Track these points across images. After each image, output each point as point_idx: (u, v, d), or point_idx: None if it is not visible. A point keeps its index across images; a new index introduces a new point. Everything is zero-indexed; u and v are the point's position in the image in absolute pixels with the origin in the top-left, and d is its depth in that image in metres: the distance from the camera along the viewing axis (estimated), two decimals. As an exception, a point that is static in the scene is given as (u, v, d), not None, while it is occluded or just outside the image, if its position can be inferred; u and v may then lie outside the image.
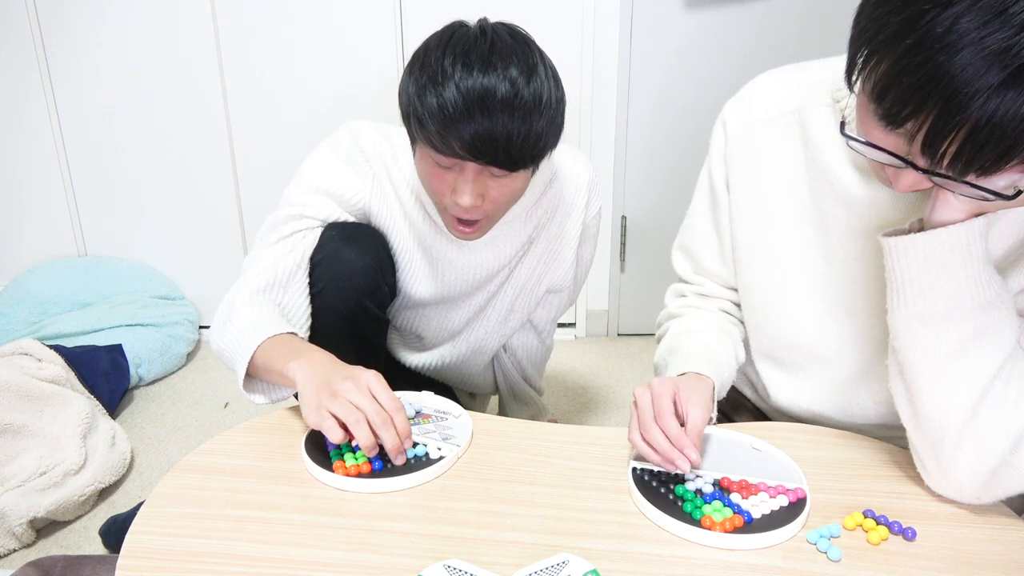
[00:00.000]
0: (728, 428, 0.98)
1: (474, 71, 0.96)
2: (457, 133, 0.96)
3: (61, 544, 1.50)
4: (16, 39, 2.23)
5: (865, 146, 0.75)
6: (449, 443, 0.94)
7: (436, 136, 0.98)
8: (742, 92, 1.04)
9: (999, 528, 0.81)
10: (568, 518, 0.82)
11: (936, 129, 0.66)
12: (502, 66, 0.97)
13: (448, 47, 0.98)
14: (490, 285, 1.31)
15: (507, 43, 1.00)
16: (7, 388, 1.63)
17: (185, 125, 2.31)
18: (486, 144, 0.97)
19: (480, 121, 0.96)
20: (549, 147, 1.05)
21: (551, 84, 1.04)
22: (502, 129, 0.96)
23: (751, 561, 0.76)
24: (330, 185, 1.18)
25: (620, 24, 2.15)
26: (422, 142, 1.02)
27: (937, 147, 0.67)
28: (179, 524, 0.80)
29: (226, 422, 1.93)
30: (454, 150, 0.98)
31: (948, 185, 0.73)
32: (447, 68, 0.97)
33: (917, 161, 0.72)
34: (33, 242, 2.45)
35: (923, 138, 0.68)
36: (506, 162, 1.00)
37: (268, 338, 1.03)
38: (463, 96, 0.95)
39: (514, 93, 0.97)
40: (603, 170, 2.30)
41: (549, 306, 1.41)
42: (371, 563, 0.75)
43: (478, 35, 1.00)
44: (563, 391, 2.13)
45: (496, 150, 0.98)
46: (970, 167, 0.67)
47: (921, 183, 0.75)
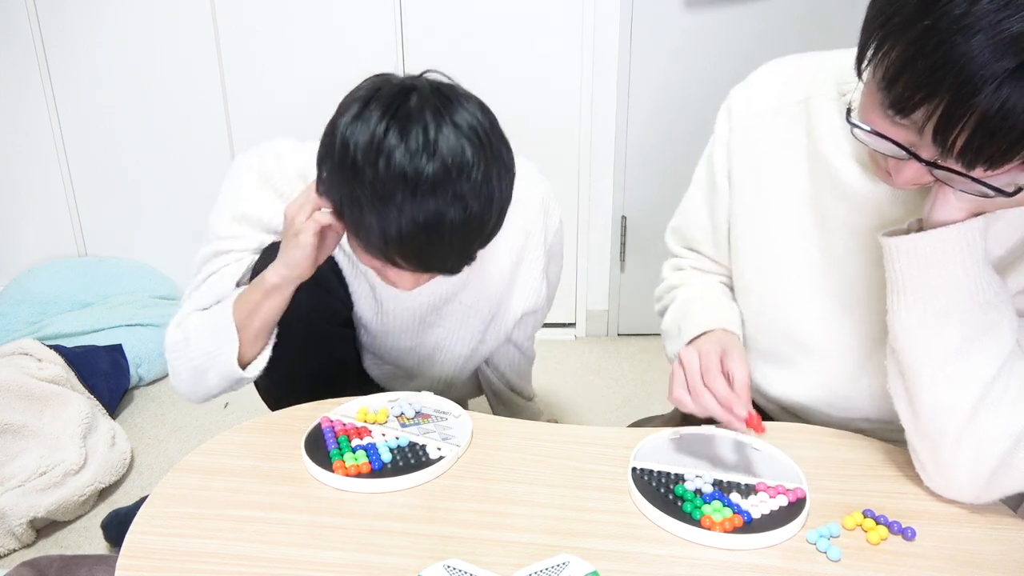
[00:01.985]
0: (728, 428, 0.98)
1: (420, 195, 0.85)
2: (402, 256, 0.90)
3: (61, 544, 1.50)
4: (16, 39, 2.24)
5: (870, 135, 0.74)
6: (449, 443, 0.94)
7: (377, 251, 0.91)
8: (748, 80, 1.03)
9: (999, 527, 0.81)
10: (568, 518, 0.82)
11: (948, 116, 0.65)
12: (449, 182, 0.86)
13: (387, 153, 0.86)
14: (445, 310, 1.24)
15: (449, 139, 0.87)
16: (7, 388, 1.63)
17: (185, 125, 2.31)
18: (433, 264, 0.93)
19: (428, 246, 0.89)
20: (496, 230, 0.96)
21: (501, 171, 0.92)
22: (453, 249, 0.91)
23: (751, 561, 0.76)
24: (252, 212, 1.12)
25: (620, 24, 2.15)
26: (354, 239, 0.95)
27: (948, 135, 0.66)
28: (179, 524, 0.80)
29: (226, 422, 1.93)
30: (396, 264, 0.92)
31: (949, 180, 0.72)
32: (391, 189, 0.85)
33: (922, 152, 0.71)
34: (33, 242, 2.45)
35: (934, 125, 0.67)
36: (454, 271, 0.95)
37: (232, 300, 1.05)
38: (411, 225, 0.86)
39: (465, 213, 0.87)
40: (603, 170, 2.30)
41: (525, 325, 1.34)
42: (371, 563, 0.75)
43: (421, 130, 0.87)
44: (563, 391, 2.13)
45: (444, 267, 0.94)
46: (979, 158, 0.67)
47: (922, 177, 0.74)
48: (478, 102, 0.94)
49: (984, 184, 0.70)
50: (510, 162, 0.95)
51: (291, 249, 0.99)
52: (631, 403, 2.05)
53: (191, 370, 1.08)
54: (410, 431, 0.96)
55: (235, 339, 1.04)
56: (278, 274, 1.01)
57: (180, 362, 1.09)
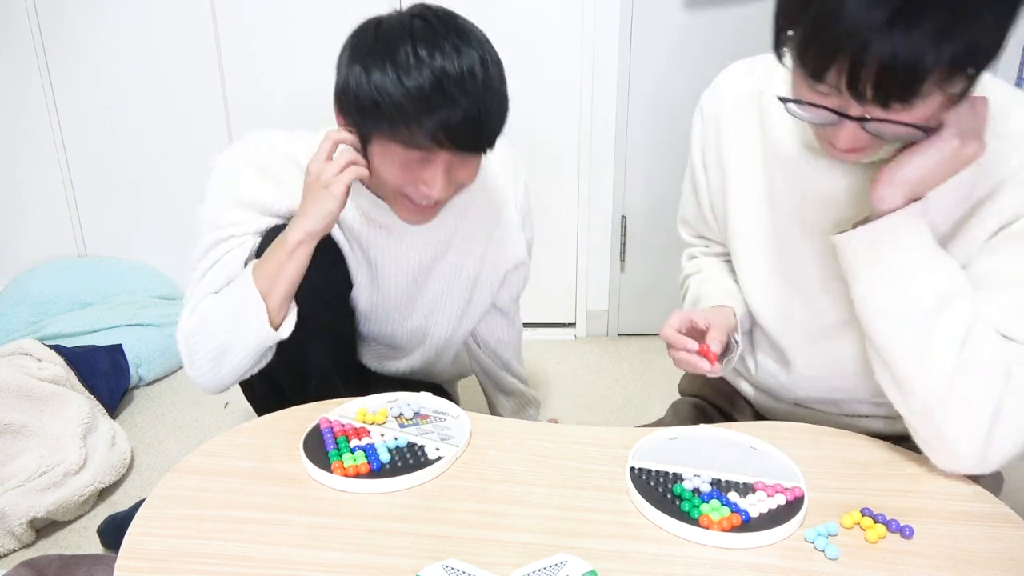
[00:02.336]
0: (727, 428, 0.98)
1: (446, 55, 0.98)
2: (443, 123, 0.99)
3: (61, 544, 1.50)
4: (16, 39, 2.24)
5: (804, 107, 0.82)
6: (447, 443, 0.94)
7: (412, 126, 0.99)
8: (715, 81, 1.12)
9: (997, 526, 0.81)
10: (566, 518, 0.83)
11: (853, 71, 0.74)
12: (467, 48, 1.00)
13: (406, 34, 1.00)
14: (434, 272, 1.28)
15: (459, 25, 1.03)
16: (7, 388, 1.63)
17: (185, 125, 2.31)
18: (471, 129, 1.01)
19: (470, 102, 0.99)
20: (506, 118, 1.09)
21: (497, 57, 1.08)
22: (488, 110, 1.02)
23: (749, 560, 0.76)
24: (251, 196, 1.15)
25: (620, 24, 2.15)
26: (385, 138, 1.03)
27: (858, 86, 0.75)
28: (178, 525, 0.81)
29: (226, 422, 1.93)
30: (436, 139, 1.00)
31: (880, 131, 0.79)
32: (419, 54, 0.98)
33: (851, 111, 0.79)
34: (33, 242, 2.45)
35: (846, 82, 0.75)
36: (481, 144, 1.05)
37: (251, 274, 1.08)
38: (440, 80, 0.97)
39: (485, 72, 1.01)
40: (603, 170, 2.30)
41: (511, 284, 1.40)
42: (370, 563, 0.75)
43: (431, 21, 1.02)
44: (563, 391, 2.13)
45: (476, 134, 1.03)
46: (891, 98, 0.75)
47: (859, 137, 0.81)
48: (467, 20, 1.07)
49: (910, 125, 0.78)
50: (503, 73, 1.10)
51: (320, 201, 1.06)
52: (631, 403, 2.05)
53: (211, 352, 1.09)
54: (409, 432, 0.97)
55: (262, 305, 1.06)
56: (302, 230, 1.06)
57: (199, 346, 1.10)
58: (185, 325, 1.11)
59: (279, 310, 1.09)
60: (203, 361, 1.10)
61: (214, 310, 1.09)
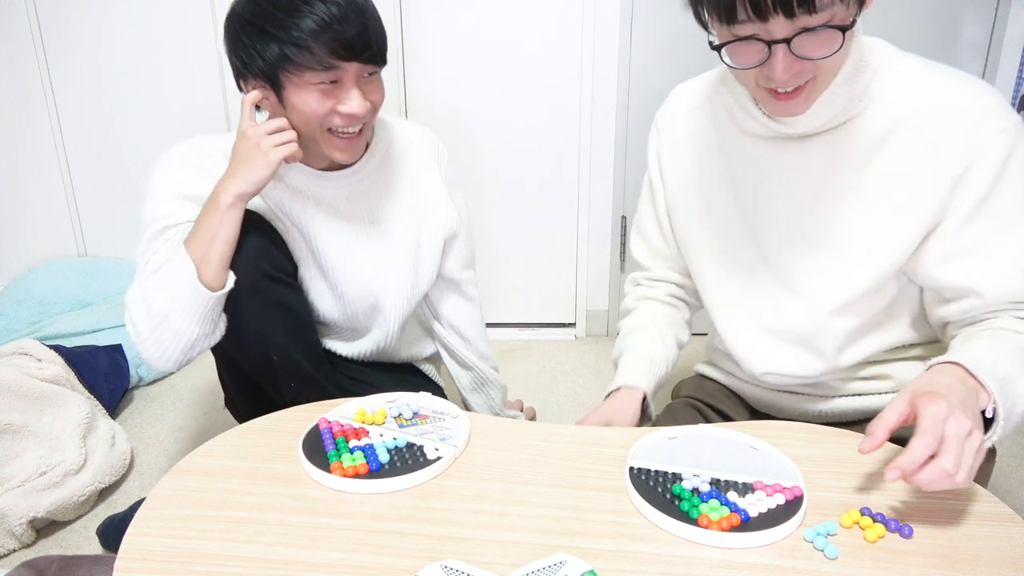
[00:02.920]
0: (726, 427, 0.98)
1: None
2: (339, 38, 1.10)
3: (61, 544, 1.50)
4: (16, 39, 2.24)
5: (734, 50, 0.89)
6: (446, 443, 0.94)
7: (319, 49, 1.10)
8: (667, 99, 1.20)
9: (996, 525, 0.81)
10: (565, 518, 0.82)
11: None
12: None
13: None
14: (370, 240, 1.34)
15: None
16: (7, 388, 1.63)
17: (185, 125, 2.31)
18: (363, 40, 1.12)
19: (355, 21, 1.11)
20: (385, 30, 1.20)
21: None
22: (372, 25, 1.14)
23: (748, 560, 0.76)
24: (182, 188, 1.22)
25: (620, 24, 2.15)
26: (296, 70, 1.12)
27: (760, 7, 0.82)
28: (177, 525, 0.81)
29: (226, 422, 1.93)
30: (339, 54, 1.11)
31: (803, 48, 0.85)
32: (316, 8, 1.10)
33: (775, 32, 0.85)
34: (33, 242, 2.46)
35: (750, 9, 0.83)
36: (378, 56, 1.16)
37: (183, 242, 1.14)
38: (328, 9, 1.10)
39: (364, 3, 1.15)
40: (603, 170, 2.30)
41: (452, 253, 1.44)
42: (368, 564, 0.75)
43: None
44: (563, 391, 2.13)
45: (369, 45, 1.13)
46: (792, 7, 0.81)
47: (790, 62, 0.87)
48: None
49: (831, 27, 0.84)
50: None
51: (254, 166, 1.14)
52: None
53: (151, 319, 1.13)
54: (408, 432, 0.97)
55: (191, 266, 1.11)
56: (232, 193, 1.13)
57: (140, 316, 1.14)
58: (128, 301, 1.16)
59: (217, 275, 1.14)
60: (145, 330, 1.14)
61: (152, 281, 1.14)
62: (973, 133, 0.92)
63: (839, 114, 0.97)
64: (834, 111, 0.97)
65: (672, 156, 1.16)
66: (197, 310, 1.13)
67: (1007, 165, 0.92)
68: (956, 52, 2.19)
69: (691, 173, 1.14)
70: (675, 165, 1.16)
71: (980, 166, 0.93)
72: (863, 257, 1.01)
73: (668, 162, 1.17)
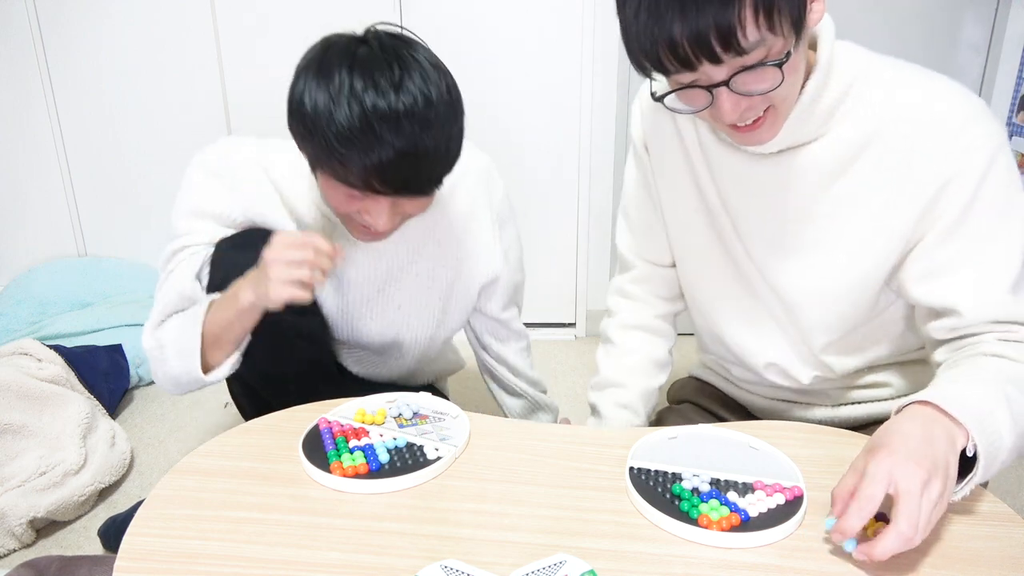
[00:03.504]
0: (726, 427, 0.98)
1: (381, 91, 0.93)
2: (382, 179, 0.95)
3: (61, 544, 1.50)
4: (16, 39, 2.24)
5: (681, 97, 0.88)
6: (446, 443, 0.94)
7: (343, 163, 0.95)
8: None
9: (996, 525, 0.81)
10: (565, 518, 0.82)
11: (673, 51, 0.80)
12: (408, 82, 0.95)
13: (346, 61, 0.95)
14: (404, 279, 1.26)
15: (405, 55, 0.97)
16: (7, 388, 1.63)
17: (185, 125, 2.31)
18: (411, 183, 0.98)
19: (408, 167, 0.95)
20: (460, 154, 1.03)
21: (450, 83, 1.01)
22: (428, 169, 0.97)
23: (748, 560, 0.76)
24: (206, 206, 1.15)
25: (619, 23, 2.15)
26: (323, 168, 1.00)
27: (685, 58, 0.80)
28: (177, 525, 0.81)
29: (226, 422, 1.93)
30: (363, 180, 0.96)
31: (747, 84, 0.83)
32: (354, 86, 0.93)
33: (716, 77, 0.83)
34: (33, 242, 2.46)
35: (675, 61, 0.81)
36: (420, 187, 1.00)
37: (205, 311, 1.07)
38: (369, 118, 0.92)
39: (427, 109, 0.95)
40: (603, 170, 2.31)
41: (492, 295, 1.36)
42: (368, 564, 0.75)
43: (375, 48, 0.97)
44: (563, 391, 2.13)
45: (406, 176, 0.97)
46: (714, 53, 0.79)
47: (736, 102, 0.85)
48: (424, 45, 1.03)
49: (768, 64, 0.81)
50: (458, 93, 1.03)
51: (261, 293, 1.01)
52: (631, 402, 2.05)
53: (168, 376, 1.13)
54: (408, 432, 0.97)
55: (197, 353, 1.07)
56: (249, 301, 1.03)
57: (157, 367, 1.14)
58: (145, 344, 1.14)
59: (226, 353, 1.11)
60: (161, 380, 1.15)
61: (170, 341, 1.11)
62: (953, 143, 0.89)
63: (810, 133, 0.95)
64: (804, 131, 0.94)
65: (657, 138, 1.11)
66: (202, 384, 1.12)
67: (986, 178, 0.89)
68: (956, 52, 2.19)
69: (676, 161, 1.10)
70: (661, 149, 1.12)
71: (959, 179, 0.89)
72: (843, 267, 0.98)
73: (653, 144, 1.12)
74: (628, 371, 1.20)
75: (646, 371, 1.21)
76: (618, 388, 1.19)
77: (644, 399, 1.19)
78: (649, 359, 1.21)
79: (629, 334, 1.23)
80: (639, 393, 1.19)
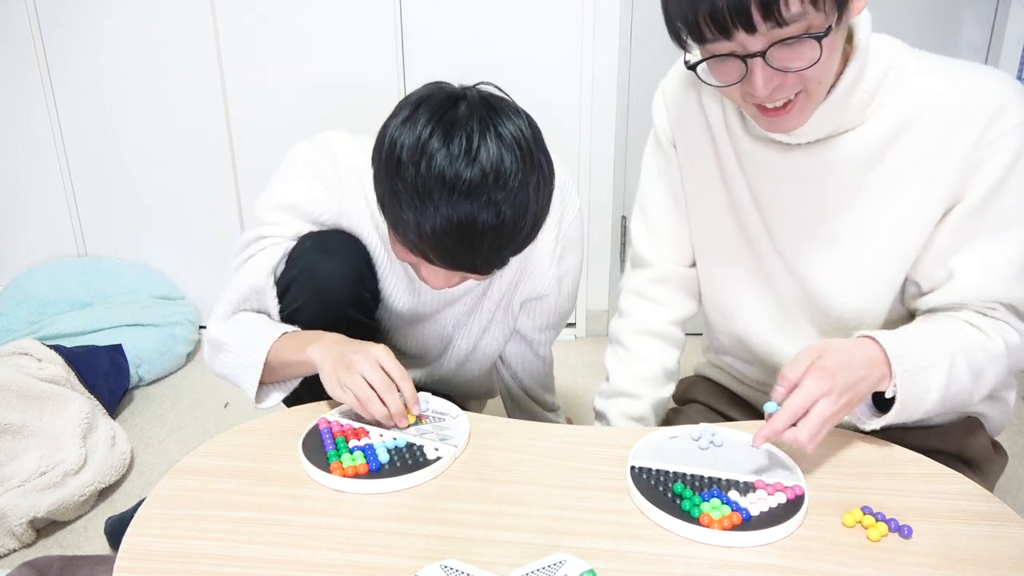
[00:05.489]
0: (728, 426, 0.98)
1: (452, 153, 0.89)
2: (433, 252, 0.93)
3: (61, 544, 1.50)
4: (16, 39, 2.24)
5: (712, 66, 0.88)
6: (446, 443, 0.94)
7: (412, 246, 0.95)
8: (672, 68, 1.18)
9: (996, 525, 0.81)
10: (565, 518, 0.82)
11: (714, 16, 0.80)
12: (484, 150, 0.90)
13: (438, 119, 0.91)
14: (466, 299, 1.26)
15: (487, 121, 0.91)
16: (7, 388, 1.63)
17: (185, 125, 2.31)
18: (463, 263, 0.95)
19: (460, 247, 0.92)
20: (533, 237, 0.99)
21: (536, 160, 0.95)
22: (483, 251, 0.93)
23: (749, 559, 0.76)
24: (297, 201, 1.14)
25: (620, 24, 2.15)
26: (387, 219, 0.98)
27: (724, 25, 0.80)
28: (177, 525, 0.81)
29: (226, 422, 1.93)
30: (432, 261, 0.96)
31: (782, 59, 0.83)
32: (429, 188, 0.89)
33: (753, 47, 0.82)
34: (33, 242, 2.45)
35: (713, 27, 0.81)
36: (483, 272, 0.98)
37: (273, 343, 1.05)
38: (445, 224, 0.90)
39: (498, 219, 0.90)
40: (603, 170, 2.30)
41: (533, 313, 1.33)
42: (368, 564, 0.75)
43: (462, 109, 0.92)
44: (563, 391, 2.13)
45: (474, 268, 0.96)
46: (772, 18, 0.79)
47: (769, 77, 0.84)
48: (525, 115, 0.97)
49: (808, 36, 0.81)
50: (550, 175, 0.98)
51: (327, 382, 0.99)
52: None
53: (217, 372, 1.13)
54: (408, 432, 0.96)
55: (255, 384, 1.07)
56: (317, 362, 1.01)
57: (211, 356, 1.14)
58: (210, 333, 1.14)
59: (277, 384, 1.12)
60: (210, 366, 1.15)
61: (233, 346, 1.10)
62: (987, 128, 0.89)
63: (844, 124, 0.94)
64: (840, 120, 0.94)
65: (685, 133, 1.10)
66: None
67: (1017, 163, 0.90)
68: (956, 52, 2.19)
69: (705, 155, 1.08)
70: (689, 144, 1.10)
71: (990, 162, 0.90)
72: (876, 254, 0.98)
73: (682, 138, 1.11)
74: (641, 381, 1.16)
75: (659, 382, 1.18)
76: (630, 399, 1.16)
77: (656, 411, 1.17)
78: (662, 369, 1.18)
79: (643, 341, 1.19)
80: (651, 405, 1.16)
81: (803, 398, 0.84)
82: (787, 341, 1.08)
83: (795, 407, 0.84)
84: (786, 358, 1.08)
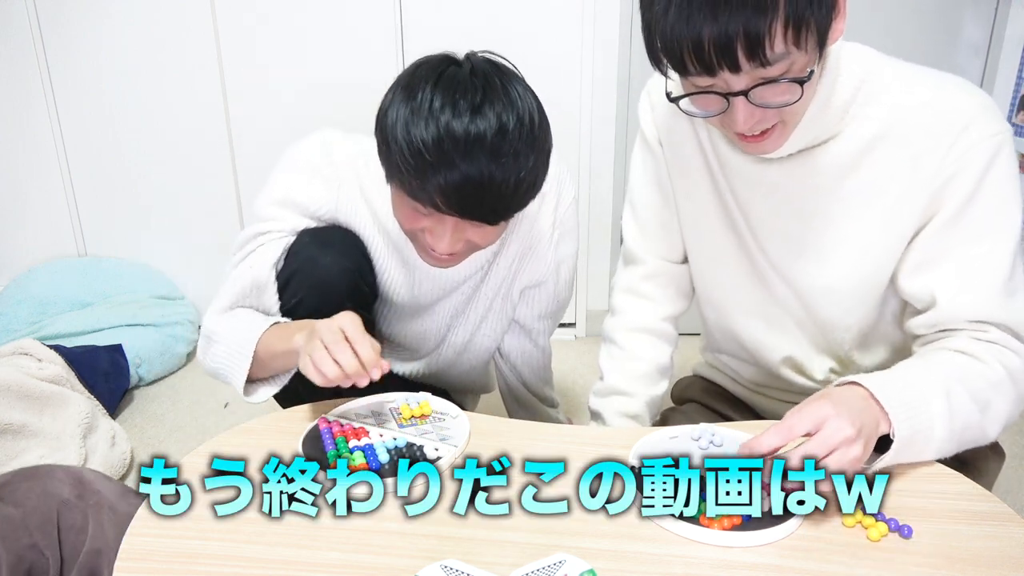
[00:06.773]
0: (727, 427, 0.98)
1: (459, 112, 0.91)
2: (435, 180, 0.93)
3: (61, 544, 1.50)
4: (16, 39, 2.24)
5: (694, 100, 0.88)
6: (447, 443, 0.94)
7: (412, 179, 0.94)
8: None
9: (996, 525, 0.81)
10: (565, 517, 0.82)
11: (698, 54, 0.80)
12: (488, 108, 0.93)
13: (432, 79, 0.94)
14: (464, 287, 1.27)
15: (493, 82, 0.95)
16: (7, 388, 1.64)
17: (185, 125, 2.31)
18: (463, 195, 0.94)
19: (458, 168, 0.91)
20: (538, 189, 1.01)
21: (536, 119, 0.99)
22: (484, 178, 0.92)
23: (748, 559, 0.76)
24: (295, 196, 1.15)
25: (620, 24, 2.15)
26: (396, 185, 1.00)
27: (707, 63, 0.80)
28: (177, 525, 0.81)
29: (226, 422, 1.93)
30: (430, 199, 0.95)
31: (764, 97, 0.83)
32: (433, 105, 0.92)
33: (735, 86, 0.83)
34: (33, 242, 2.46)
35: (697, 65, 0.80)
36: (488, 215, 0.97)
37: (263, 332, 1.05)
38: (442, 139, 0.91)
39: (501, 139, 0.92)
40: (603, 170, 2.31)
41: (532, 301, 1.34)
42: (368, 563, 0.75)
43: (465, 70, 0.96)
44: (563, 391, 2.13)
45: (473, 202, 0.95)
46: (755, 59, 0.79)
47: (750, 112, 0.85)
48: (520, 77, 1.01)
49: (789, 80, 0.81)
50: (547, 132, 1.03)
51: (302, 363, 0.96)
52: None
53: (208, 368, 1.13)
54: (408, 432, 0.97)
55: (243, 375, 1.06)
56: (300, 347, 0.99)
57: (202, 352, 1.14)
58: (205, 326, 1.14)
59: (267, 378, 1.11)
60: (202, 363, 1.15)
61: (224, 340, 1.10)
62: (958, 140, 0.89)
63: (821, 135, 0.95)
64: (816, 133, 0.94)
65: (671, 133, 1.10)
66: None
67: (987, 174, 0.90)
68: (956, 52, 2.19)
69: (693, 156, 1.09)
70: (676, 144, 1.10)
71: (962, 174, 0.90)
72: (856, 263, 0.99)
73: (668, 138, 1.11)
74: (635, 379, 1.17)
75: (652, 379, 1.18)
76: (624, 396, 1.16)
77: (650, 408, 1.17)
78: (655, 366, 1.19)
79: (636, 338, 1.19)
80: (646, 402, 1.16)
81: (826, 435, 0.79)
82: (780, 339, 1.09)
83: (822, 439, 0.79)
84: (775, 353, 1.09)
